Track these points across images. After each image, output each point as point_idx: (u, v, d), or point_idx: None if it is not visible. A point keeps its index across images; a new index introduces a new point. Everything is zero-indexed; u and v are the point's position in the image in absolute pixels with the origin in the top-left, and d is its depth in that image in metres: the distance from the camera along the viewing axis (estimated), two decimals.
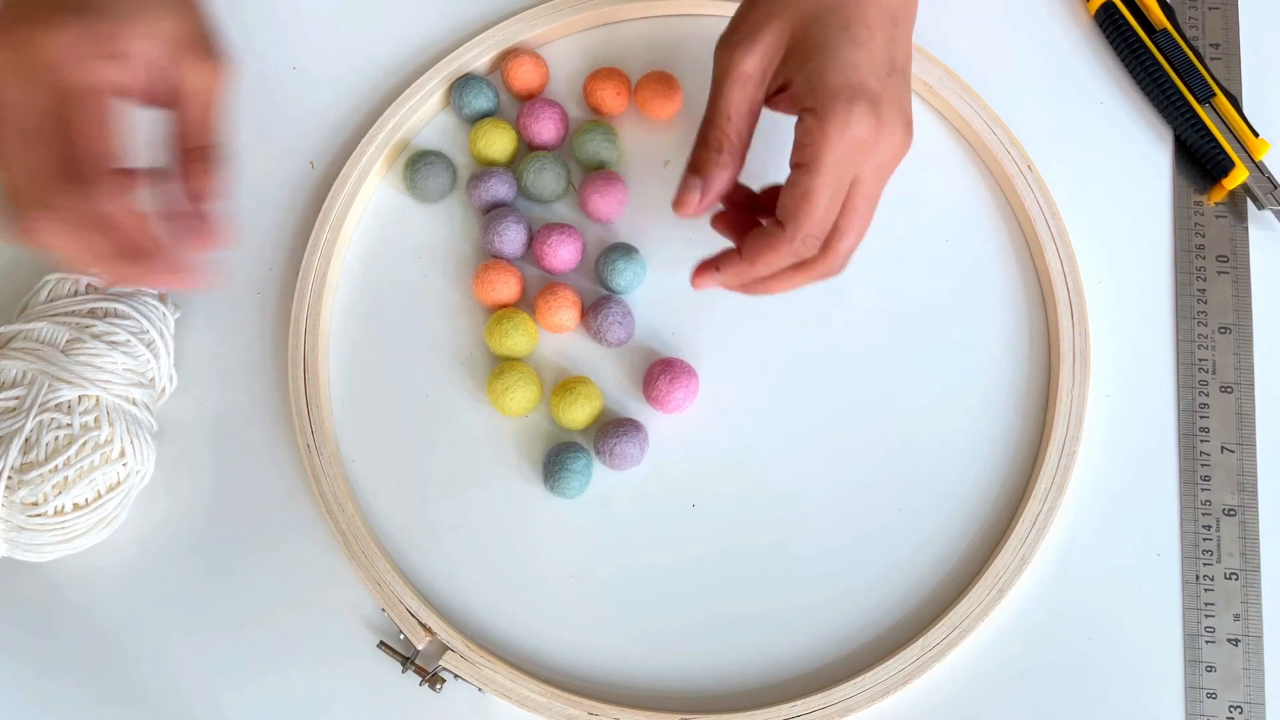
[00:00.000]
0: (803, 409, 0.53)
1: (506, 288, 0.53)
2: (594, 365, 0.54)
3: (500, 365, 0.52)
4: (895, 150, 0.43)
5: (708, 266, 0.47)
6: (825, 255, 0.45)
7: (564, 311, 0.52)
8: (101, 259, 0.38)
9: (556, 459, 0.50)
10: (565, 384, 0.52)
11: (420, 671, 0.48)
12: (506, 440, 0.53)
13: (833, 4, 0.43)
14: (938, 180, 0.56)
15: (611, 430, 0.51)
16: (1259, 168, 0.56)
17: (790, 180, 0.43)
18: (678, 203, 0.46)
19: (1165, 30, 0.57)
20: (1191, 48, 0.57)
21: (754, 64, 0.44)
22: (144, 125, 0.44)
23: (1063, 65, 0.59)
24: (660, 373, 0.51)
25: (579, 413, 0.51)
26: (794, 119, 0.44)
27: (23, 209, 0.37)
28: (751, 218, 0.48)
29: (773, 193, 0.48)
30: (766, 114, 0.46)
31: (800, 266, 0.45)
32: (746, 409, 0.53)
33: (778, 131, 0.47)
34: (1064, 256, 0.54)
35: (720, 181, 0.45)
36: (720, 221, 0.49)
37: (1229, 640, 0.49)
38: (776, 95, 0.45)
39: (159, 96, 0.42)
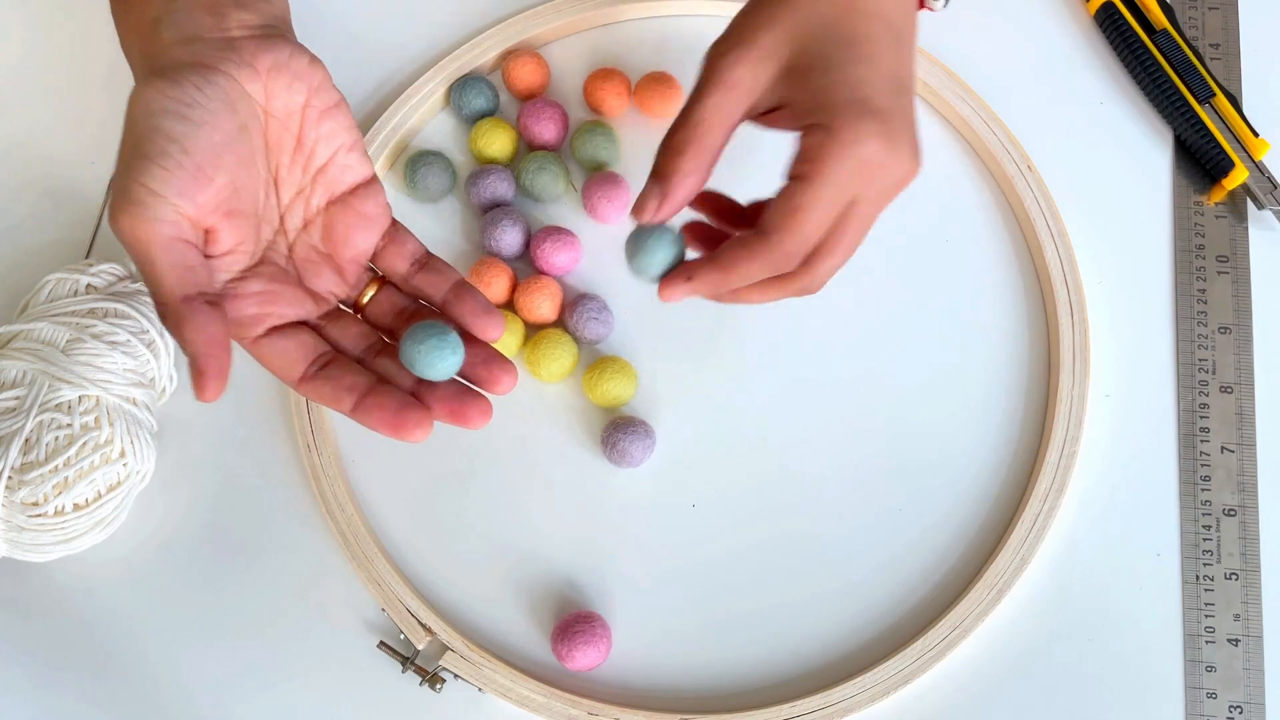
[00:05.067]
0: (803, 410, 0.53)
1: (498, 285, 0.53)
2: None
3: (537, 335, 0.53)
4: (902, 175, 0.41)
5: (679, 275, 0.43)
6: (805, 272, 0.42)
7: (543, 302, 0.53)
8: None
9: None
10: (600, 363, 0.52)
11: (420, 671, 0.48)
12: (507, 440, 0.53)
13: (835, 19, 0.41)
14: (938, 180, 0.56)
15: (621, 426, 0.51)
16: (1259, 168, 0.56)
17: (785, 191, 0.41)
18: (636, 208, 0.43)
19: (1165, 30, 0.57)
20: (1191, 48, 0.57)
21: (743, 72, 0.42)
22: None
23: (1063, 65, 0.59)
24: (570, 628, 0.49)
25: (612, 389, 0.52)
26: (784, 137, 0.42)
27: None
28: (727, 233, 0.46)
29: (758, 207, 0.45)
30: (747, 130, 0.44)
31: (776, 280, 0.43)
32: (747, 410, 0.53)
33: (761, 148, 0.45)
34: (1064, 256, 0.54)
35: (682, 190, 0.43)
36: (694, 232, 0.46)
37: (1229, 640, 0.49)
38: (772, 113, 0.43)
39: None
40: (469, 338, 0.42)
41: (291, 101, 0.42)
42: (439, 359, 0.40)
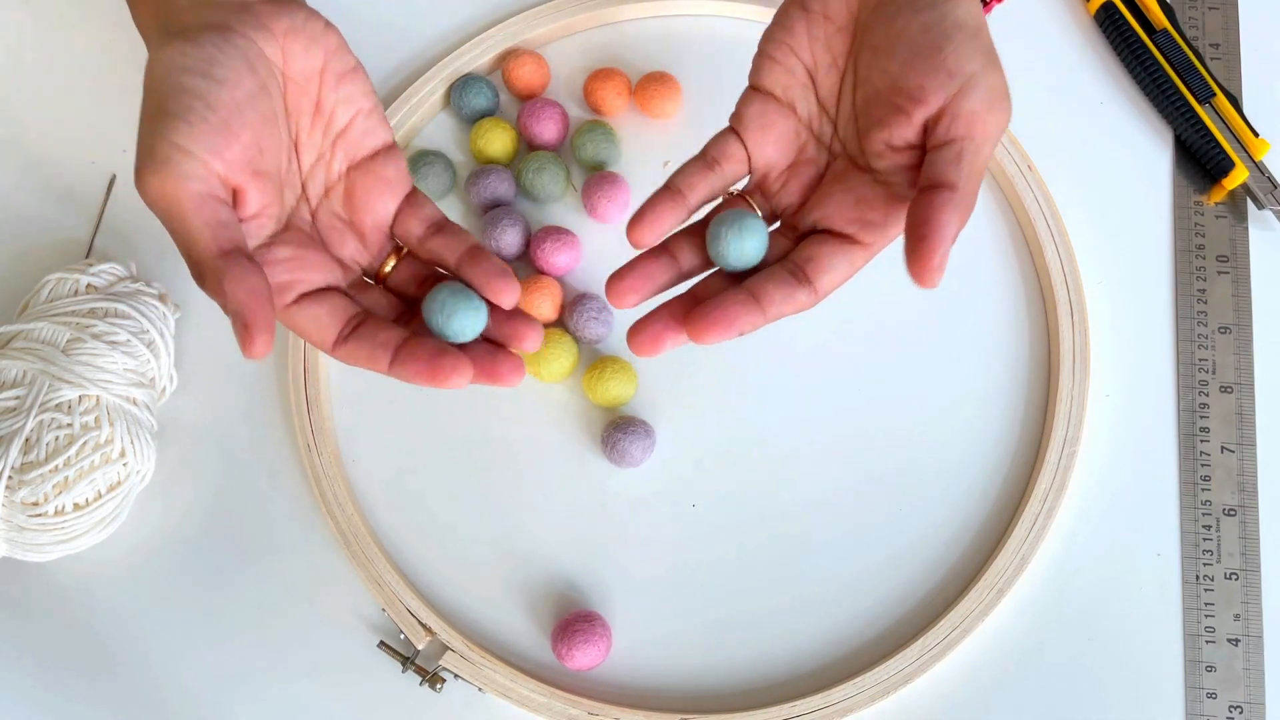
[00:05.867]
0: (803, 410, 0.53)
1: None
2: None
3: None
4: None
5: (938, 244, 0.37)
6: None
7: (543, 302, 0.53)
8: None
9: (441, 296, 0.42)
10: (600, 363, 0.52)
11: (420, 671, 0.48)
12: (507, 440, 0.53)
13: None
14: None
15: (621, 425, 0.51)
16: (1259, 168, 0.56)
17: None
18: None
19: (1165, 30, 0.57)
20: (1191, 48, 0.57)
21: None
22: None
23: (1063, 65, 0.59)
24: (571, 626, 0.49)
25: (612, 388, 0.51)
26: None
27: None
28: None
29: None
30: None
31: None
32: (747, 410, 0.53)
33: None
34: (1064, 256, 0.54)
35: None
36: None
37: (1229, 640, 0.49)
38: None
39: None
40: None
41: (309, 65, 0.42)
42: (462, 320, 0.40)
